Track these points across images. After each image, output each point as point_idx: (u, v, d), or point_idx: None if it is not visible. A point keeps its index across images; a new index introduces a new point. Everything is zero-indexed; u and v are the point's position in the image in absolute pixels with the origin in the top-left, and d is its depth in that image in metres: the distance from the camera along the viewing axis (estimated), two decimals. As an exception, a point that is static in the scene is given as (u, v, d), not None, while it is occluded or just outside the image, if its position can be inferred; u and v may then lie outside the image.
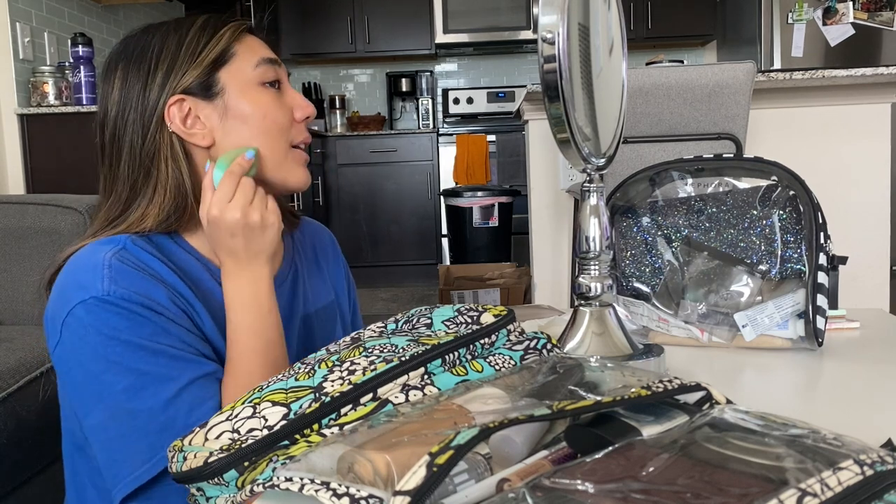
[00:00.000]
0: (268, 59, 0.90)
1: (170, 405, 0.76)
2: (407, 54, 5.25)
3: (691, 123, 2.18)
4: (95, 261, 0.79)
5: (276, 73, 0.90)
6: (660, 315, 0.93)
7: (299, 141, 0.92)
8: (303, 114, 0.91)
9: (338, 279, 1.07)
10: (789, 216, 0.89)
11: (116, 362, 0.76)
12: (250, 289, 0.84)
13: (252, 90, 0.88)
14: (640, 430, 0.45)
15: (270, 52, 0.92)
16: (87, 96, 3.38)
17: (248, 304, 0.84)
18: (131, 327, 0.77)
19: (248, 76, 0.88)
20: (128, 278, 0.79)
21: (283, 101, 0.91)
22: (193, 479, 0.52)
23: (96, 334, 0.77)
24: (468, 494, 0.42)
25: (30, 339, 1.56)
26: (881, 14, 3.97)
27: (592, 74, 0.73)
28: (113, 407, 0.77)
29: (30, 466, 1.41)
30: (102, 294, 0.77)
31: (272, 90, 0.90)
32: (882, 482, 0.35)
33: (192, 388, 0.77)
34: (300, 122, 0.92)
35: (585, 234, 0.75)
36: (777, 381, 0.82)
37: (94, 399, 0.78)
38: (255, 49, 0.90)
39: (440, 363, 0.57)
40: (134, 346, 0.77)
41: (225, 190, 0.83)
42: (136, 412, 0.76)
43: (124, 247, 0.82)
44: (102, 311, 0.77)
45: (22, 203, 1.84)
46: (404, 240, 4.96)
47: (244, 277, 0.84)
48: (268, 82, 0.89)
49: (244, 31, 0.90)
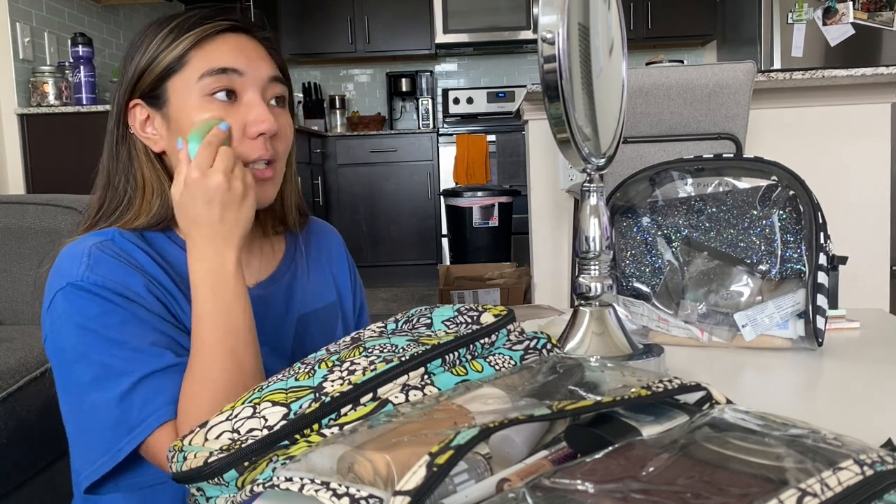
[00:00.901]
0: (217, 70, 0.83)
1: (124, 399, 0.76)
2: (407, 54, 5.25)
3: (691, 123, 2.18)
4: (78, 250, 0.82)
5: (227, 82, 0.84)
6: (660, 315, 0.93)
7: (253, 158, 0.85)
8: (256, 130, 0.84)
9: (343, 280, 1.07)
10: (789, 216, 0.89)
11: (84, 353, 0.78)
12: (216, 269, 0.79)
13: (193, 102, 0.84)
14: (640, 430, 0.45)
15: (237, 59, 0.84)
16: (87, 96, 3.38)
17: (211, 286, 0.79)
18: (101, 314, 0.78)
19: (192, 87, 0.84)
20: (104, 266, 0.80)
21: (234, 114, 0.84)
22: (193, 479, 0.52)
23: (70, 323, 0.78)
24: (468, 494, 0.42)
25: (30, 339, 1.56)
26: (881, 14, 3.97)
27: (592, 74, 0.73)
28: (78, 397, 0.79)
29: (30, 466, 1.41)
30: (77, 280, 0.79)
31: (218, 103, 0.84)
32: (882, 482, 0.35)
33: (147, 383, 0.77)
34: (254, 139, 0.84)
35: (585, 234, 0.75)
36: (777, 381, 0.82)
37: (64, 388, 0.80)
38: (212, 57, 0.84)
39: (440, 363, 0.57)
40: (101, 337, 0.77)
41: (205, 155, 0.79)
42: (96, 404, 0.77)
43: (111, 238, 0.84)
44: (76, 298, 0.78)
45: (22, 203, 1.84)
46: (404, 240, 4.96)
47: (210, 253, 0.79)
48: (215, 93, 0.84)
49: (219, 33, 0.85)
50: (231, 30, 0.86)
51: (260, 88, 0.86)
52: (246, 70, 0.85)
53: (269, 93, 0.87)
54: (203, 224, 0.79)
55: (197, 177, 0.79)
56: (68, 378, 0.80)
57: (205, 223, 0.79)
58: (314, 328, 0.98)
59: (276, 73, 0.88)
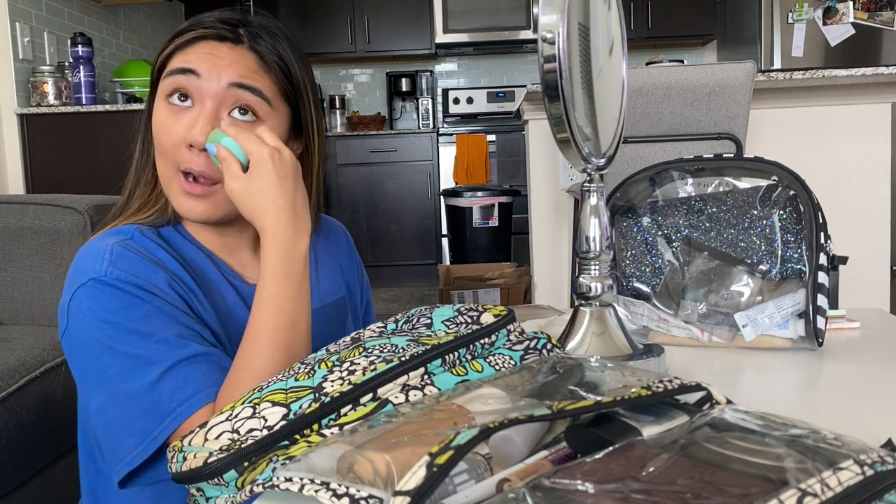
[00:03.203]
0: (177, 70, 0.83)
1: (154, 388, 0.76)
2: (407, 54, 5.25)
3: (691, 123, 2.18)
4: (100, 247, 0.82)
5: (184, 83, 0.83)
6: (660, 315, 0.93)
7: (183, 168, 0.83)
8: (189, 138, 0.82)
9: (351, 275, 1.07)
10: (789, 216, 0.89)
11: (109, 345, 0.77)
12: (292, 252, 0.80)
13: (160, 101, 0.85)
14: (640, 430, 0.45)
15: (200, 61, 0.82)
16: (86, 96, 3.38)
17: (286, 270, 0.79)
18: (125, 308, 0.78)
19: (162, 86, 0.85)
20: (127, 261, 0.80)
21: (181, 120, 0.83)
22: (193, 479, 0.52)
23: (93, 317, 0.78)
24: (468, 494, 0.42)
25: (29, 339, 1.56)
26: (881, 14, 3.97)
27: (592, 74, 0.73)
28: (110, 390, 0.78)
29: (30, 466, 1.41)
30: (100, 275, 0.79)
31: (171, 105, 0.83)
32: (882, 482, 0.35)
33: (176, 371, 0.76)
34: (188, 148, 0.82)
35: (585, 234, 0.75)
36: (777, 381, 0.82)
37: (95, 382, 0.79)
38: (181, 59, 0.84)
39: (440, 363, 0.57)
40: (125, 330, 0.77)
41: (266, 134, 0.81)
42: (128, 395, 0.77)
43: (131, 237, 0.85)
44: (99, 293, 0.78)
45: (22, 203, 1.84)
46: (404, 240, 4.96)
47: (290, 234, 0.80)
48: (170, 95, 0.83)
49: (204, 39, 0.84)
50: (217, 38, 0.85)
51: (216, 98, 0.83)
52: (205, 72, 0.82)
53: (228, 101, 0.83)
54: (282, 204, 0.79)
55: (270, 151, 0.79)
56: (96, 372, 0.79)
57: (284, 203, 0.80)
58: (325, 324, 0.98)
59: (238, 80, 0.83)
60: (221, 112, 0.83)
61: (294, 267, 0.80)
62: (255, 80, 0.84)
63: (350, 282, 1.06)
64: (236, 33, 0.85)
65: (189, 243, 0.90)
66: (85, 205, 1.80)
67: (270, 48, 0.87)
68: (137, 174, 0.92)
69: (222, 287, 0.88)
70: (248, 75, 0.84)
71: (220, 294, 0.88)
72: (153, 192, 0.91)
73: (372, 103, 5.58)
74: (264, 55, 0.86)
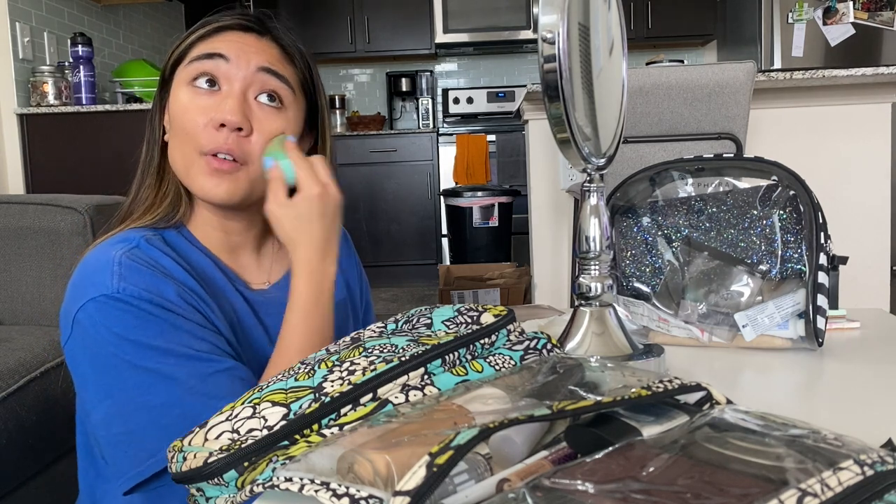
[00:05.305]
0: (204, 55, 0.84)
1: (175, 405, 0.76)
2: (407, 54, 5.25)
3: (691, 123, 2.18)
4: (107, 258, 0.81)
5: (211, 67, 0.84)
6: (660, 315, 0.93)
7: (208, 149, 0.83)
8: (219, 118, 0.82)
9: (351, 276, 1.07)
10: (789, 216, 0.89)
11: (126, 360, 0.77)
12: (321, 282, 0.83)
13: (181, 88, 0.86)
14: (640, 430, 0.45)
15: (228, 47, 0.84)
16: (86, 96, 3.38)
17: (315, 299, 0.83)
18: (140, 325, 0.78)
19: (183, 73, 0.86)
20: (137, 275, 0.80)
21: (208, 102, 0.84)
22: (193, 479, 0.52)
23: (106, 332, 0.77)
24: (468, 495, 0.42)
25: (29, 339, 1.56)
26: (881, 14, 3.97)
27: (592, 74, 0.73)
28: (121, 403, 0.77)
29: (30, 466, 1.41)
30: (112, 291, 0.78)
31: (197, 89, 0.84)
32: (882, 482, 0.35)
33: (199, 387, 0.77)
34: (217, 129, 0.83)
35: (585, 234, 0.75)
36: (777, 381, 0.82)
37: (102, 394, 0.79)
38: (208, 46, 0.85)
39: (440, 363, 0.57)
40: (143, 346, 0.77)
41: (320, 167, 0.83)
42: (147, 408, 0.76)
43: (137, 245, 0.83)
44: (113, 309, 0.78)
45: (22, 203, 1.84)
46: (404, 240, 4.96)
47: (321, 267, 0.83)
48: (195, 79, 0.84)
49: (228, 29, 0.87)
50: (242, 28, 0.87)
51: (245, 81, 0.84)
52: (233, 57, 0.84)
53: (256, 85, 0.85)
54: (318, 238, 0.83)
55: (320, 191, 0.82)
56: (106, 384, 0.78)
57: (320, 237, 0.83)
58: None
59: (267, 65, 0.85)
60: (248, 95, 0.85)
61: (323, 296, 0.84)
62: (280, 67, 0.87)
63: (350, 283, 1.07)
64: (261, 24, 0.88)
65: (194, 248, 0.89)
66: (85, 205, 1.80)
67: (291, 42, 0.90)
68: (142, 176, 0.92)
69: (230, 293, 0.88)
70: (274, 63, 0.87)
71: (227, 300, 0.88)
72: (158, 193, 0.90)
73: (372, 103, 5.58)
74: (287, 47, 0.89)
